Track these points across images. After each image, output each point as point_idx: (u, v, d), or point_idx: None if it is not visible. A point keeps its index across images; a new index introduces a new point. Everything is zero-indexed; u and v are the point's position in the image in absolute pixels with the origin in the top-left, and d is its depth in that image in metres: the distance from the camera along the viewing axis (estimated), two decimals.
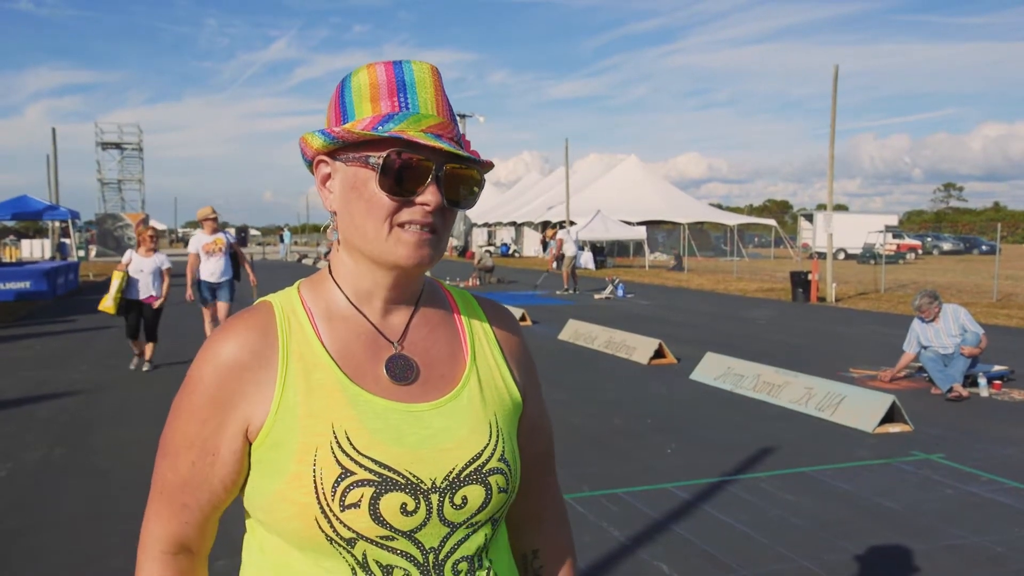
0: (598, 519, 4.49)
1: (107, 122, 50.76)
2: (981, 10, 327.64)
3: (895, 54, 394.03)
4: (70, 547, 4.14)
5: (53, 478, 5.27)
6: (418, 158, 1.00)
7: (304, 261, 39.42)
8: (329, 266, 1.12)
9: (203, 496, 1.05)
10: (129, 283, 8.76)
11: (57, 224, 32.38)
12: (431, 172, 1.01)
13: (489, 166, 1.08)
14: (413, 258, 1.02)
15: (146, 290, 8.83)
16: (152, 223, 52.15)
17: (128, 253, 8.94)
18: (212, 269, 9.21)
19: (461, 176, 1.04)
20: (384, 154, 1.00)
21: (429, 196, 1.01)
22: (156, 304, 8.86)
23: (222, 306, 9.32)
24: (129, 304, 8.83)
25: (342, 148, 1.04)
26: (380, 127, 1.01)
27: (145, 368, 9.03)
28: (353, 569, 0.99)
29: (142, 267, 8.79)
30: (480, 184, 1.08)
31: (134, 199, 51.44)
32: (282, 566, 1.03)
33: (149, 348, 9.07)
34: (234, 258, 9.49)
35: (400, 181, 1.00)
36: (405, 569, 1.00)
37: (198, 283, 9.26)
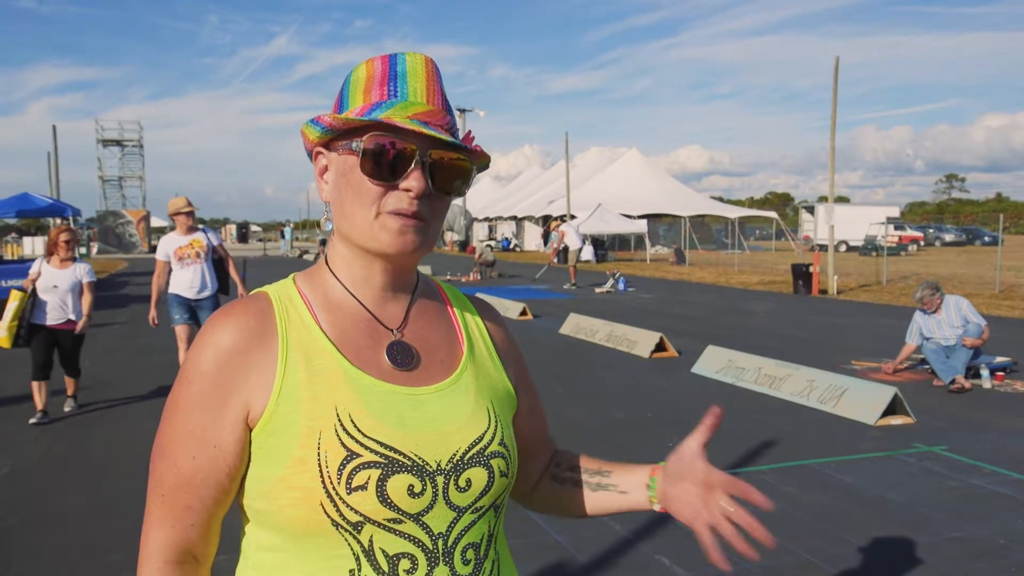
0: None
1: (108, 119, 51.00)
2: (982, 0, 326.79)
3: (897, 45, 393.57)
4: (70, 543, 4.14)
5: (53, 474, 5.27)
6: (402, 143, 1.00)
7: (306, 257, 39.41)
8: (325, 257, 1.13)
9: (208, 492, 1.02)
10: (36, 304, 6.51)
11: (59, 221, 32.40)
12: (415, 157, 1.01)
13: (482, 156, 1.08)
14: (396, 245, 1.02)
15: (61, 312, 6.53)
16: (153, 220, 52.19)
17: (37, 263, 6.62)
18: (188, 281, 7.00)
19: (450, 164, 1.04)
20: (365, 138, 1.01)
21: (413, 182, 1.00)
22: (78, 329, 6.64)
23: None
24: (36, 331, 6.53)
25: (335, 138, 1.05)
26: (366, 114, 1.01)
27: (68, 408, 6.91)
28: (357, 558, 0.98)
29: (55, 282, 6.50)
30: (471, 173, 1.07)
31: (135, 196, 51.49)
32: (280, 564, 1.01)
33: (71, 384, 6.93)
34: (219, 265, 7.30)
35: (383, 165, 1.00)
36: (412, 555, 0.99)
37: (171, 298, 7.04)
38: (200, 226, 7.30)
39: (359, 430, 0.98)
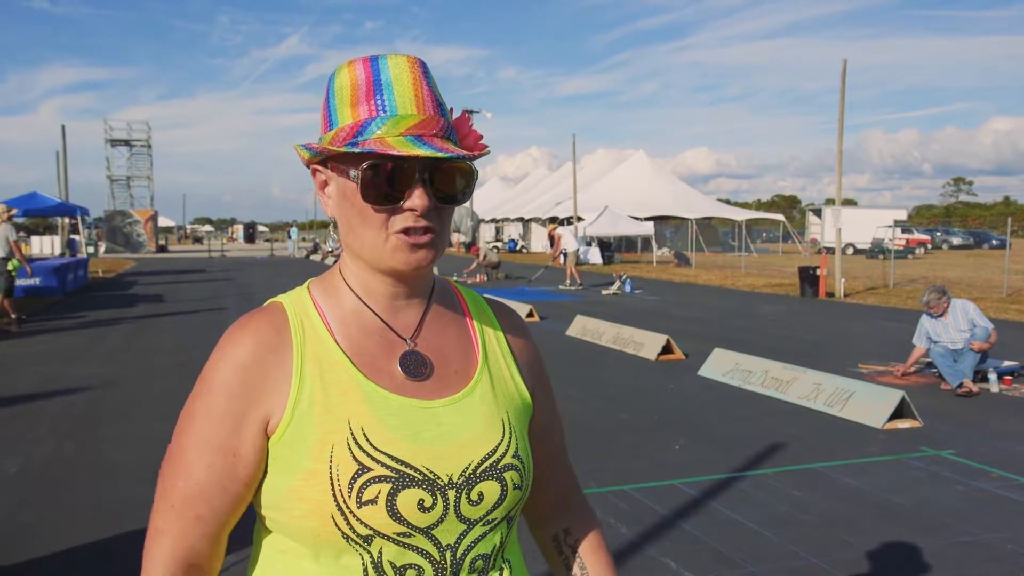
0: (606, 515, 4.48)
1: (116, 119, 51.05)
2: (991, 4, 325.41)
3: (905, 48, 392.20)
4: (79, 541, 4.16)
5: (63, 473, 5.29)
6: (399, 163, 0.99)
7: (312, 257, 39.45)
8: (339, 265, 1.13)
9: (222, 502, 1.02)
10: None
11: (67, 221, 32.55)
12: (415, 175, 0.99)
13: (482, 153, 1.05)
14: (411, 263, 1.02)
15: None
16: (161, 220, 52.23)
17: None
18: None
19: (451, 170, 1.02)
20: (362, 168, 0.99)
21: (417, 200, 0.99)
22: None
23: None
24: None
25: (330, 156, 1.04)
26: (357, 137, 0.99)
27: None
28: (365, 569, 0.99)
29: None
30: (474, 174, 1.05)
31: (143, 196, 51.59)
32: (293, 568, 1.03)
33: None
34: None
35: (383, 191, 0.99)
36: (419, 567, 1.00)
37: None
38: None
39: (371, 444, 0.99)
